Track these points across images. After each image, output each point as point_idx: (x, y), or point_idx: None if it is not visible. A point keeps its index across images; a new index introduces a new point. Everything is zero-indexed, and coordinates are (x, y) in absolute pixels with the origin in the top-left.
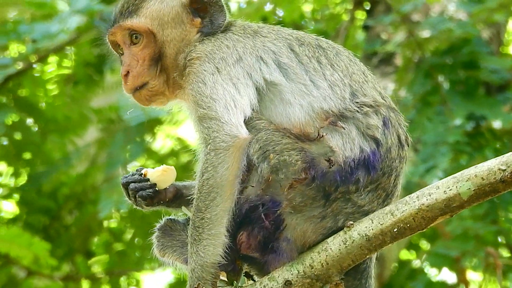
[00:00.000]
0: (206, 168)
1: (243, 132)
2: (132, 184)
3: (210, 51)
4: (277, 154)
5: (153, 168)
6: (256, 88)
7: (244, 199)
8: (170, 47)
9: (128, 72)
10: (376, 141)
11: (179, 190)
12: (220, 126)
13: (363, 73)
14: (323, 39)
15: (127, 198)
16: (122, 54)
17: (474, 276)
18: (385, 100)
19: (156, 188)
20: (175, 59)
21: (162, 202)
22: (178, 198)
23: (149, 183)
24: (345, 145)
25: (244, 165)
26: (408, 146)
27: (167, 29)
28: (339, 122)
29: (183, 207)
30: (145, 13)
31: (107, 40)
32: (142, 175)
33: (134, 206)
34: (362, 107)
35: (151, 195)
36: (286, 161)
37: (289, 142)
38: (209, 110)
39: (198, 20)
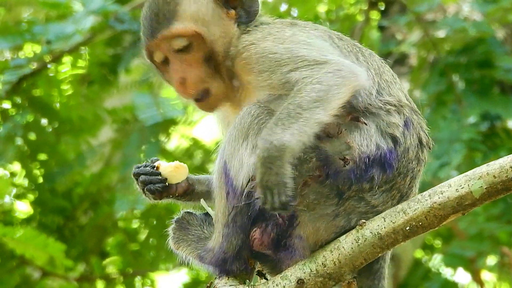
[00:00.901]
0: (320, 81)
1: (364, 75)
2: (143, 176)
3: (260, 37)
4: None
5: (167, 162)
6: None
7: (258, 195)
8: (218, 45)
9: (183, 79)
10: (395, 140)
11: (191, 185)
12: (336, 63)
13: (392, 75)
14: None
15: (136, 187)
16: (163, 64)
17: (488, 276)
18: (409, 102)
19: (167, 183)
20: (225, 57)
21: (171, 196)
22: (189, 194)
23: (159, 177)
24: (362, 141)
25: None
26: (429, 148)
27: (210, 28)
28: (362, 118)
29: (202, 200)
30: (185, 17)
31: (146, 53)
32: (155, 168)
33: (142, 197)
34: (386, 105)
35: (159, 190)
36: (300, 158)
37: None
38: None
39: (233, 11)
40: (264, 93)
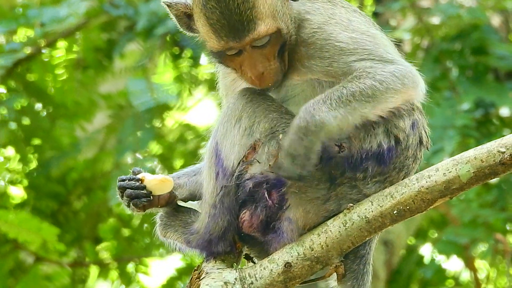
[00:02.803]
0: (381, 80)
1: (422, 87)
2: (129, 190)
3: (323, 21)
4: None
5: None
6: None
7: (249, 176)
8: (289, 33)
9: (261, 73)
10: (397, 140)
11: (173, 195)
12: (402, 67)
13: None
14: None
15: (119, 198)
16: (233, 55)
17: (481, 264)
18: (419, 104)
19: (151, 197)
20: (291, 42)
21: (154, 207)
22: (170, 203)
23: (145, 191)
24: (366, 138)
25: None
26: (427, 149)
27: (283, 18)
28: (372, 121)
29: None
30: (265, 14)
31: (219, 48)
32: (140, 181)
33: (126, 208)
34: (400, 110)
35: (145, 204)
36: None
37: None
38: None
39: None
40: (314, 77)
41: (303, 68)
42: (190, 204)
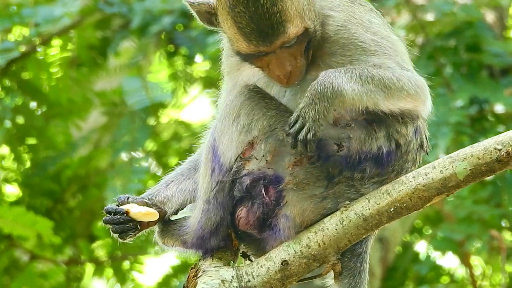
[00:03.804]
0: (398, 79)
1: (429, 105)
2: (115, 226)
3: (346, 19)
4: (284, 131)
5: (137, 203)
6: None
7: (246, 172)
8: (314, 28)
9: (288, 72)
10: (398, 145)
11: (162, 213)
12: (418, 79)
13: None
14: None
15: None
16: (260, 54)
17: (476, 260)
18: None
19: (138, 226)
20: (315, 39)
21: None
22: (161, 221)
23: (131, 224)
24: (366, 140)
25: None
26: (427, 154)
27: (310, 16)
28: (376, 125)
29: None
30: (294, 15)
31: (249, 50)
32: (125, 213)
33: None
34: (404, 117)
35: (132, 236)
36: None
37: None
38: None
39: None
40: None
41: (323, 64)
42: (181, 213)
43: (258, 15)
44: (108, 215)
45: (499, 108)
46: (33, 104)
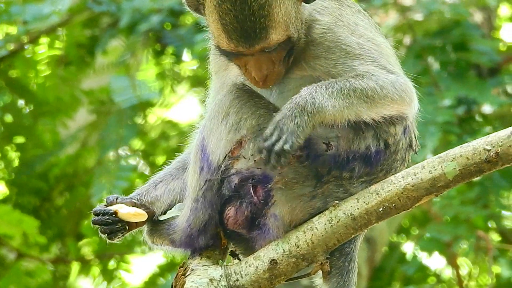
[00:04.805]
0: (382, 86)
1: (416, 105)
2: (103, 227)
3: (332, 22)
4: (258, 146)
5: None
6: None
7: (234, 171)
8: (298, 36)
9: (265, 76)
10: (387, 144)
11: (150, 213)
12: (403, 81)
13: None
14: None
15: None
16: (240, 54)
17: (463, 261)
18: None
19: (127, 226)
20: (299, 44)
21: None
22: (149, 221)
23: (119, 225)
24: (355, 140)
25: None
26: (416, 153)
27: (295, 25)
28: (362, 123)
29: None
30: (279, 22)
31: (227, 49)
32: (114, 214)
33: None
34: (393, 118)
35: (121, 237)
36: None
37: None
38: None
39: None
40: (315, 75)
41: (307, 66)
42: (169, 212)
43: (243, 16)
44: (97, 216)
45: (487, 108)
46: (20, 102)
